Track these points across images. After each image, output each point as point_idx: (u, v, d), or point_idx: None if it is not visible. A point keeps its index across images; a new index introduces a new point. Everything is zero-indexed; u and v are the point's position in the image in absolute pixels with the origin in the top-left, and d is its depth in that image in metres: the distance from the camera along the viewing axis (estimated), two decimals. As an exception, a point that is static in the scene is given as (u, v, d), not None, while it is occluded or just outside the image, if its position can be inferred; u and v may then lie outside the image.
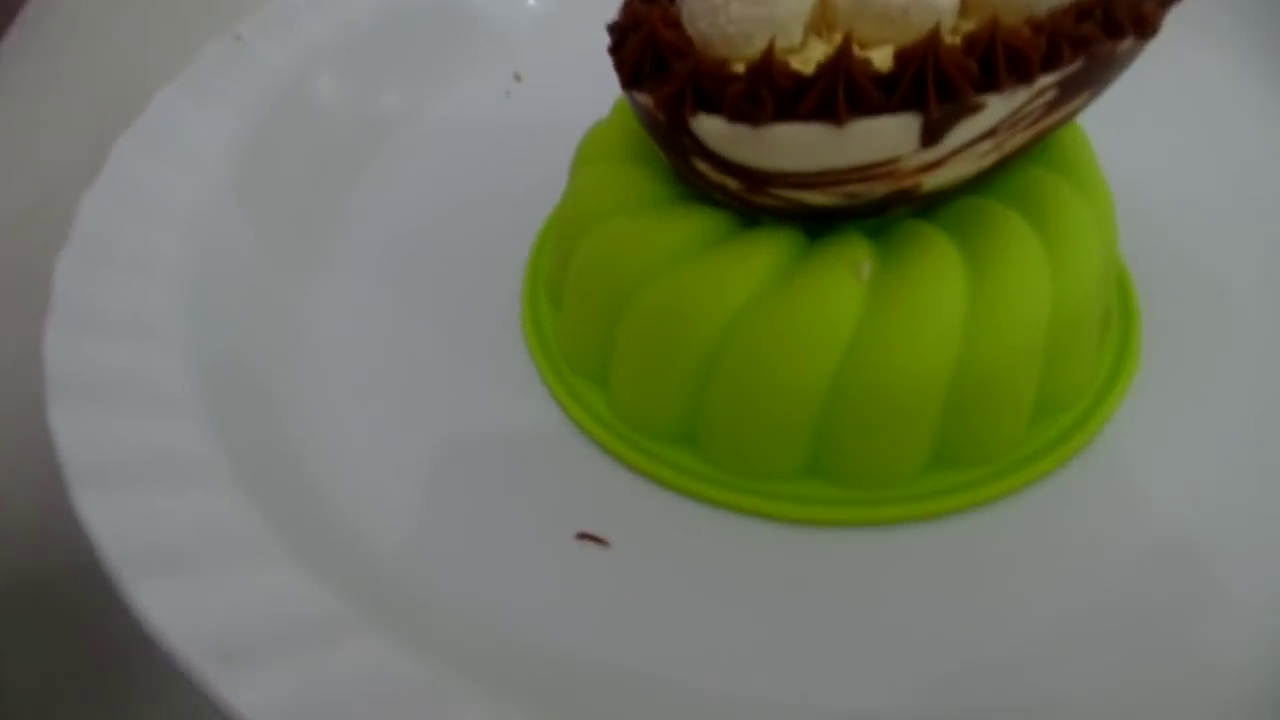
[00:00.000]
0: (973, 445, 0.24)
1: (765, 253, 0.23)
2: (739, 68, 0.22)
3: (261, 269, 0.30)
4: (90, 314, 0.26)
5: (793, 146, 0.21)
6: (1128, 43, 0.22)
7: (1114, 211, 0.26)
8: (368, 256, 0.32)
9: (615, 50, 0.24)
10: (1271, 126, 0.34)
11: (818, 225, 0.24)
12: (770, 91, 0.20)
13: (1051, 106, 0.22)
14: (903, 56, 0.20)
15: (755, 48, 0.22)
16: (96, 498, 0.21)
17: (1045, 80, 0.21)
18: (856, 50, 0.21)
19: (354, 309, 0.30)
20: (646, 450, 0.25)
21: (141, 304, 0.26)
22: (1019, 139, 0.22)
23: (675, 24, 0.23)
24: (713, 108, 0.21)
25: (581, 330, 0.27)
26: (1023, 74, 0.20)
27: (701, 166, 0.23)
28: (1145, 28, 0.21)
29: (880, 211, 0.23)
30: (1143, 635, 0.22)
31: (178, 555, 0.21)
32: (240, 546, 0.22)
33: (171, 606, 0.20)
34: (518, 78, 0.39)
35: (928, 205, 0.24)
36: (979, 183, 0.24)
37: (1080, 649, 0.22)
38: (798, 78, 0.21)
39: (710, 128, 0.21)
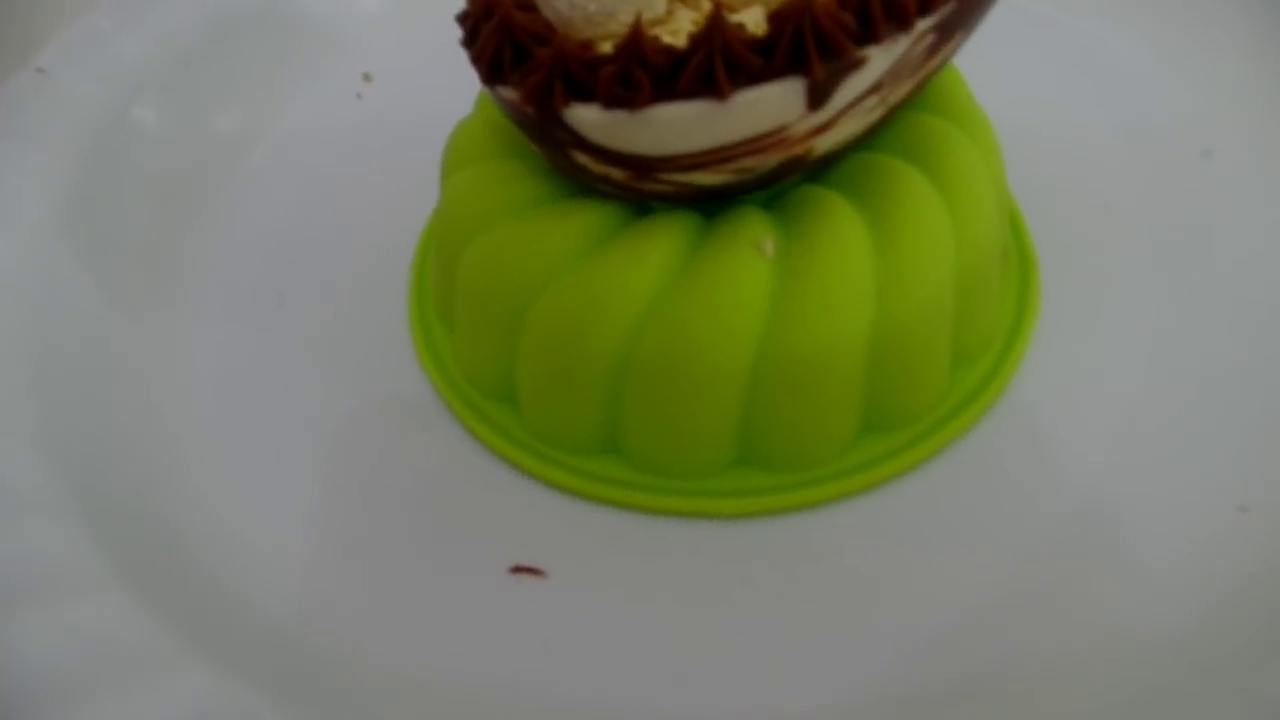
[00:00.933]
0: (898, 407, 0.24)
1: (662, 243, 0.22)
2: (606, 48, 0.20)
3: (106, 326, 0.27)
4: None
5: (676, 127, 0.20)
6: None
7: (999, 147, 0.26)
8: (228, 294, 0.29)
9: (469, 43, 0.22)
10: (1133, 40, 0.34)
11: (711, 205, 0.23)
12: (645, 71, 0.19)
13: (931, 51, 0.21)
14: (777, 17, 0.19)
15: (620, 23, 0.21)
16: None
17: (923, 25, 0.20)
18: (728, 16, 0.19)
19: (220, 353, 0.28)
20: (569, 466, 0.24)
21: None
22: (903, 89, 0.22)
23: (528, 7, 0.21)
24: (585, 95, 0.20)
25: (480, 348, 0.25)
26: (901, 21, 0.20)
27: (581, 159, 0.21)
28: (1013, -40, 0.21)
29: (774, 182, 0.22)
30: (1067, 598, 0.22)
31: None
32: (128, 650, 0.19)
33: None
34: (367, 78, 0.37)
35: (819, 168, 0.23)
36: (867, 138, 0.23)
37: (1016, 615, 0.22)
38: (671, 52, 0.19)
39: (585, 117, 0.20)
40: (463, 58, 0.24)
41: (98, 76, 0.31)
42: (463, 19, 0.22)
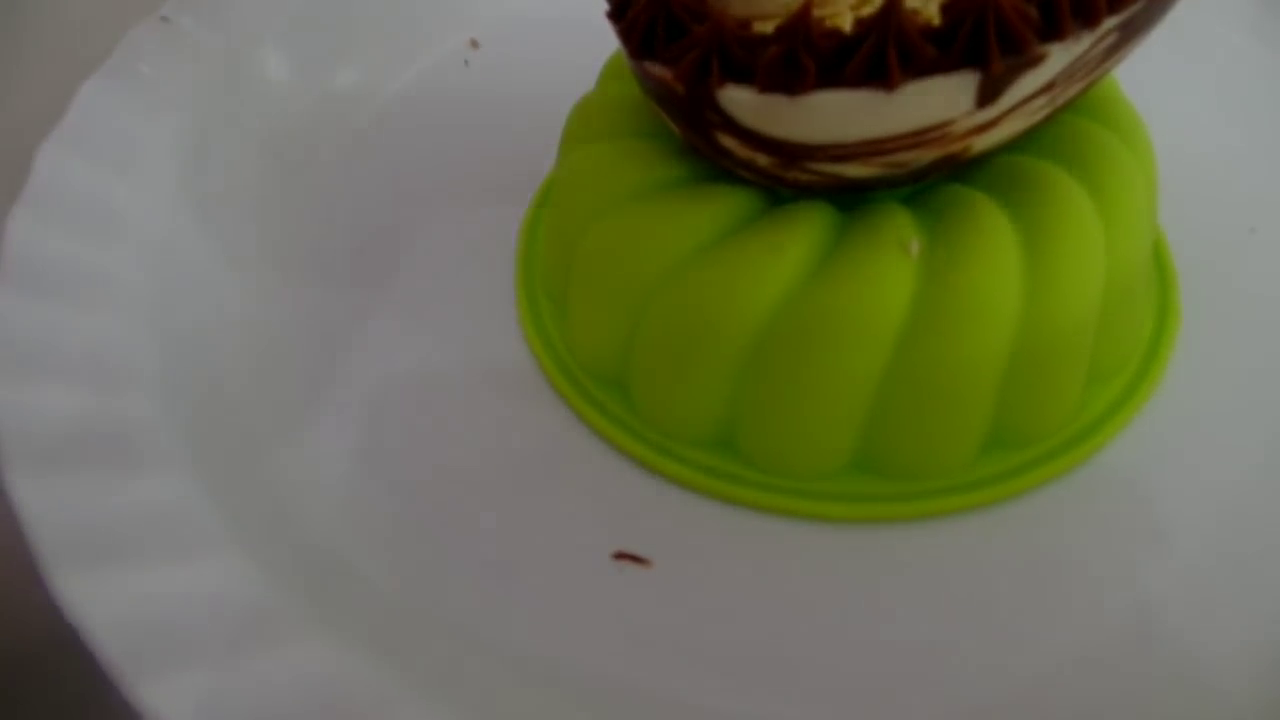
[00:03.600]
0: (1029, 422, 0.23)
1: (801, 235, 0.21)
2: (765, 27, 0.19)
3: (223, 282, 0.27)
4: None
5: (835, 116, 0.19)
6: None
7: (1155, 157, 0.24)
8: (333, 255, 0.29)
9: (616, 16, 0.21)
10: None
11: (849, 197, 0.22)
12: (810, 55, 0.18)
13: (1110, 52, 0.20)
14: (956, 6, 0.18)
15: (777, 3, 0.20)
16: (30, 478, 0.19)
17: (1110, 23, 0.19)
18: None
19: (326, 314, 0.27)
20: (681, 457, 0.23)
21: (96, 337, 0.23)
22: (1073, 90, 0.20)
23: (681, -18, 0.20)
24: (742, 77, 0.19)
25: (595, 330, 0.24)
26: (1089, 18, 0.18)
27: (727, 142, 0.20)
28: (1207, -42, 0.19)
29: (921, 179, 0.21)
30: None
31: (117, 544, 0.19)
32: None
33: (102, 599, 0.18)
34: (474, 44, 0.36)
35: (969, 167, 0.22)
36: (1022, 139, 0.22)
37: (1130, 649, 0.20)
38: (840, 37, 0.18)
39: (740, 100, 0.19)
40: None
41: (217, 25, 0.31)
42: (610, -11, 0.21)
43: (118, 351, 0.23)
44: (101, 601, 0.18)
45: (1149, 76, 0.26)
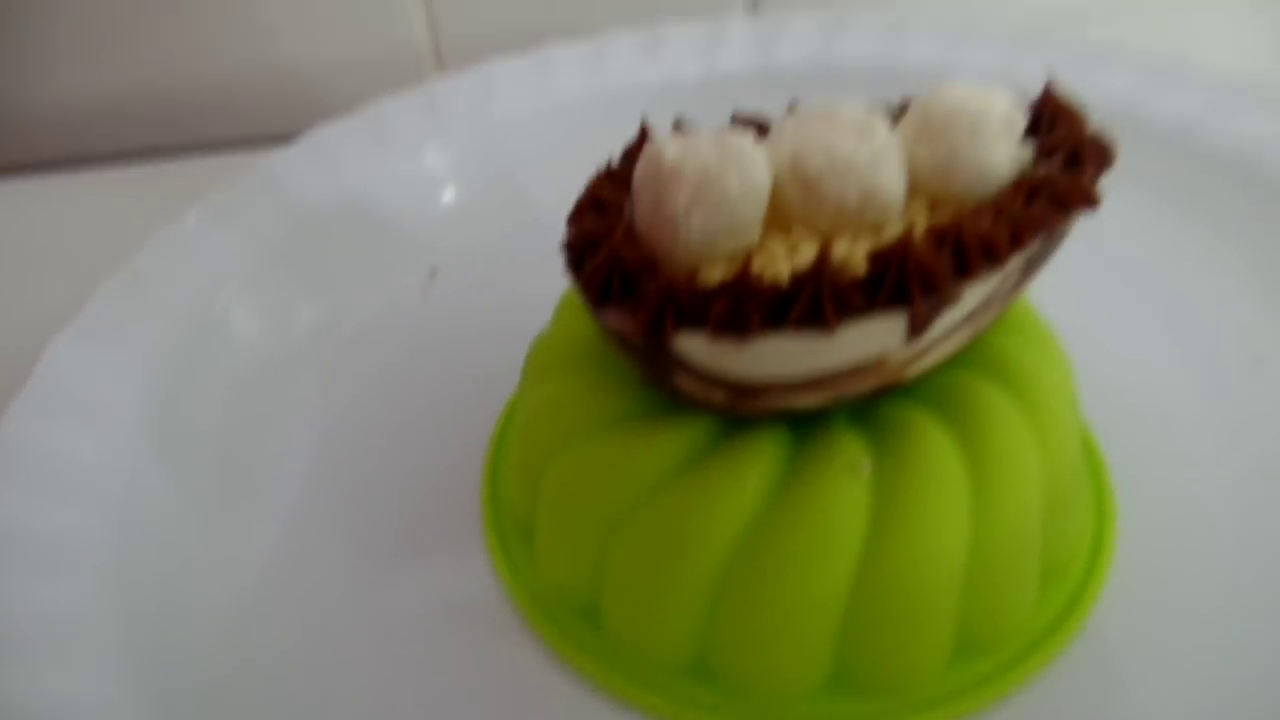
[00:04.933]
0: (992, 629, 0.23)
1: (759, 461, 0.22)
2: (712, 274, 0.21)
3: (186, 529, 0.27)
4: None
5: (780, 356, 0.20)
6: (1075, 216, 0.22)
7: (1068, 361, 0.27)
8: (298, 492, 0.29)
9: (575, 269, 0.23)
10: (1187, 258, 0.35)
11: (802, 419, 0.23)
12: (755, 306, 0.20)
13: (1017, 284, 0.22)
14: (880, 258, 0.20)
15: (717, 253, 0.22)
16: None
17: (1014, 262, 0.21)
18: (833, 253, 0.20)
19: (289, 553, 0.27)
20: (656, 685, 0.23)
21: (56, 604, 0.23)
22: (991, 316, 0.23)
23: (634, 237, 0.22)
24: (694, 324, 0.20)
25: (564, 562, 0.25)
26: (994, 259, 0.21)
27: (684, 383, 0.22)
28: (1090, 200, 0.22)
29: (865, 401, 0.23)
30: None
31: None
32: None
33: None
34: (434, 273, 0.38)
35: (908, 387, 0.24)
36: (954, 358, 0.23)
37: None
38: (779, 289, 0.20)
39: (694, 346, 0.21)
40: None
41: (185, 278, 0.32)
42: (568, 247, 0.23)
43: (79, 622, 0.22)
44: None
45: (1066, 282, 0.28)
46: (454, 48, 0.48)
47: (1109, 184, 0.37)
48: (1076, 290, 0.32)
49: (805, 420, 0.23)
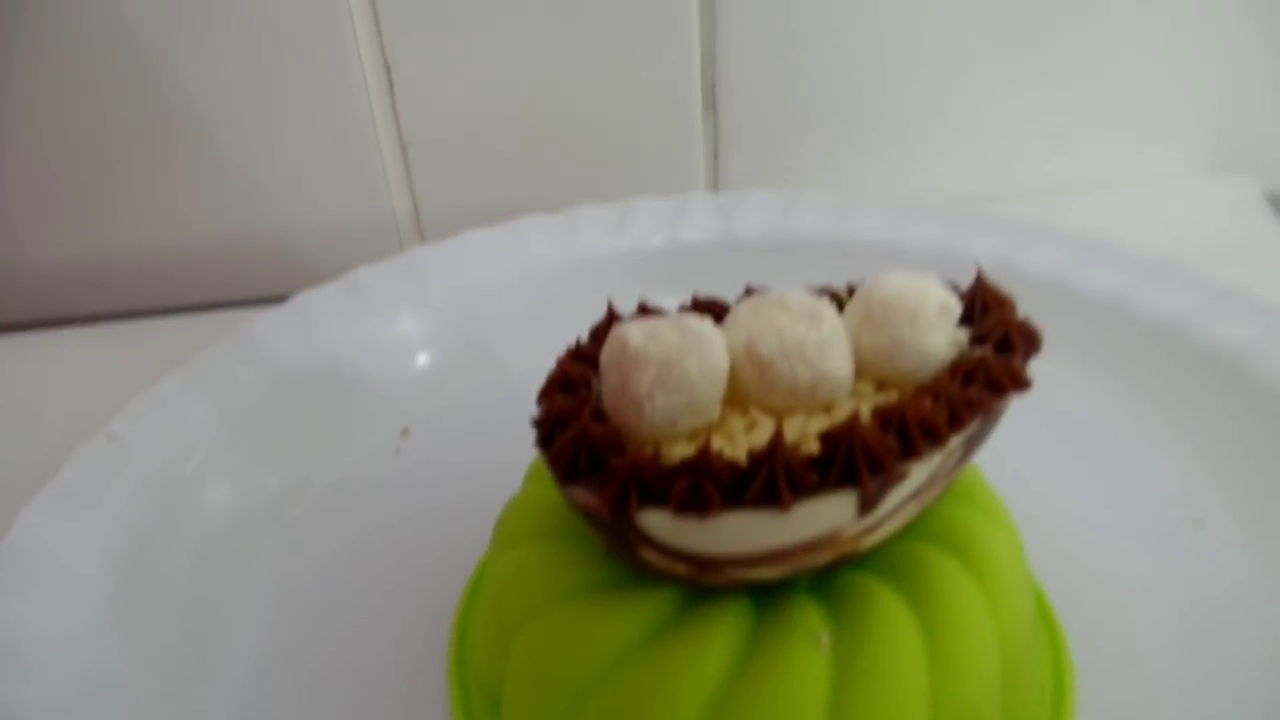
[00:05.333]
0: (957, 800, 0.24)
1: (722, 634, 0.23)
2: (675, 450, 0.23)
3: (149, 701, 0.27)
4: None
5: (740, 532, 0.21)
6: (1009, 398, 0.24)
7: (1016, 527, 0.28)
8: (261, 662, 0.29)
9: (544, 445, 0.24)
10: (1110, 418, 0.37)
11: (763, 589, 0.24)
12: (714, 485, 0.21)
13: (959, 461, 0.24)
14: (830, 439, 0.22)
15: (679, 430, 0.23)
16: None
17: (954, 442, 0.23)
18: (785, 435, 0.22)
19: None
20: None
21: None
22: (937, 490, 0.24)
23: (600, 415, 0.24)
24: (657, 501, 0.22)
25: (532, 734, 0.25)
26: (936, 440, 0.22)
27: (648, 555, 0.23)
28: (1022, 382, 0.24)
29: (824, 573, 0.24)
30: None
31: None
32: None
33: None
34: (405, 434, 0.39)
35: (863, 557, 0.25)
36: (906, 529, 0.25)
37: None
38: (737, 468, 0.21)
39: (657, 522, 0.22)
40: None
41: (159, 443, 0.33)
42: (538, 423, 0.24)
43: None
44: None
45: (1013, 451, 0.30)
46: (435, 220, 0.51)
47: (1049, 354, 0.40)
48: (1023, 458, 0.34)
49: (767, 590, 0.24)
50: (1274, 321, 0.36)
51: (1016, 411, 0.33)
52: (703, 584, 0.23)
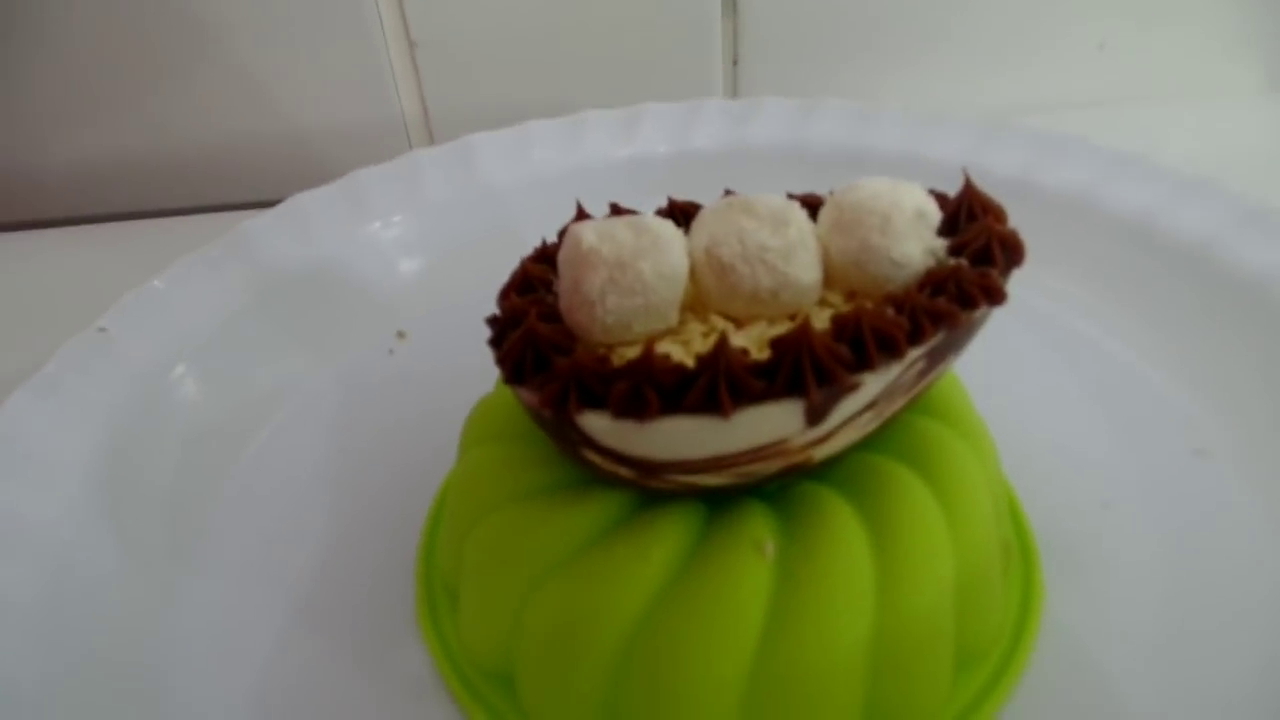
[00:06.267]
0: (901, 713, 0.23)
1: (666, 538, 0.22)
2: (625, 353, 0.22)
3: (126, 588, 0.28)
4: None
5: (680, 438, 0.21)
6: (981, 310, 0.23)
7: (995, 451, 0.27)
8: (241, 553, 0.30)
9: (495, 344, 0.23)
10: (1121, 342, 0.36)
11: (718, 498, 0.24)
12: (653, 388, 0.20)
13: (922, 374, 0.23)
14: (778, 345, 0.21)
15: (634, 334, 0.23)
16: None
17: (914, 354, 0.22)
18: (732, 338, 0.21)
19: (225, 614, 0.28)
20: (560, 760, 0.23)
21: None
22: (897, 404, 0.23)
23: (553, 317, 0.23)
24: (597, 404, 0.21)
25: (482, 628, 0.25)
26: (893, 352, 0.21)
27: (592, 457, 0.22)
28: (995, 296, 0.23)
29: (775, 482, 0.23)
30: None
31: None
32: None
33: None
34: (401, 335, 0.39)
35: (821, 469, 0.24)
36: (866, 442, 0.24)
37: None
38: (679, 372, 0.21)
39: (597, 424, 0.21)
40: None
41: (149, 338, 0.34)
42: (492, 322, 0.24)
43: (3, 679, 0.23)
44: None
45: (999, 362, 0.28)
46: (445, 123, 0.50)
47: (1064, 271, 0.38)
48: (1022, 375, 0.33)
49: (723, 498, 0.24)
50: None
51: (1020, 328, 0.32)
52: (649, 488, 0.23)
